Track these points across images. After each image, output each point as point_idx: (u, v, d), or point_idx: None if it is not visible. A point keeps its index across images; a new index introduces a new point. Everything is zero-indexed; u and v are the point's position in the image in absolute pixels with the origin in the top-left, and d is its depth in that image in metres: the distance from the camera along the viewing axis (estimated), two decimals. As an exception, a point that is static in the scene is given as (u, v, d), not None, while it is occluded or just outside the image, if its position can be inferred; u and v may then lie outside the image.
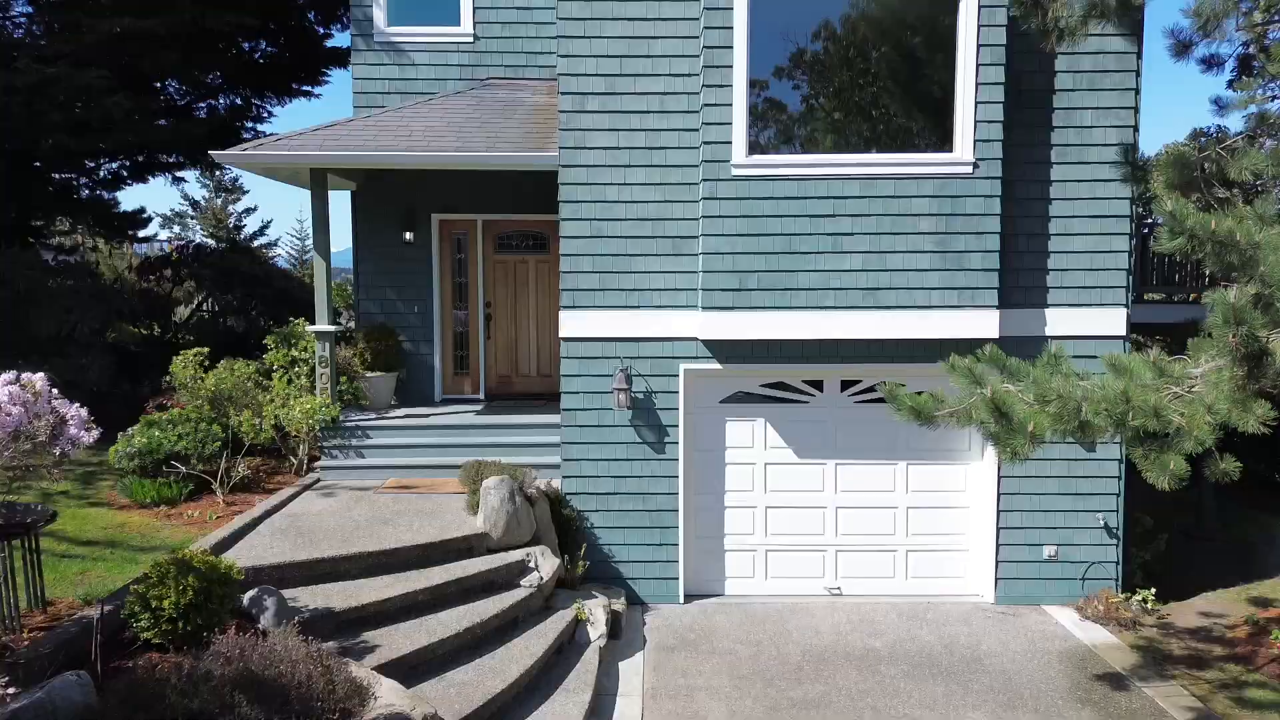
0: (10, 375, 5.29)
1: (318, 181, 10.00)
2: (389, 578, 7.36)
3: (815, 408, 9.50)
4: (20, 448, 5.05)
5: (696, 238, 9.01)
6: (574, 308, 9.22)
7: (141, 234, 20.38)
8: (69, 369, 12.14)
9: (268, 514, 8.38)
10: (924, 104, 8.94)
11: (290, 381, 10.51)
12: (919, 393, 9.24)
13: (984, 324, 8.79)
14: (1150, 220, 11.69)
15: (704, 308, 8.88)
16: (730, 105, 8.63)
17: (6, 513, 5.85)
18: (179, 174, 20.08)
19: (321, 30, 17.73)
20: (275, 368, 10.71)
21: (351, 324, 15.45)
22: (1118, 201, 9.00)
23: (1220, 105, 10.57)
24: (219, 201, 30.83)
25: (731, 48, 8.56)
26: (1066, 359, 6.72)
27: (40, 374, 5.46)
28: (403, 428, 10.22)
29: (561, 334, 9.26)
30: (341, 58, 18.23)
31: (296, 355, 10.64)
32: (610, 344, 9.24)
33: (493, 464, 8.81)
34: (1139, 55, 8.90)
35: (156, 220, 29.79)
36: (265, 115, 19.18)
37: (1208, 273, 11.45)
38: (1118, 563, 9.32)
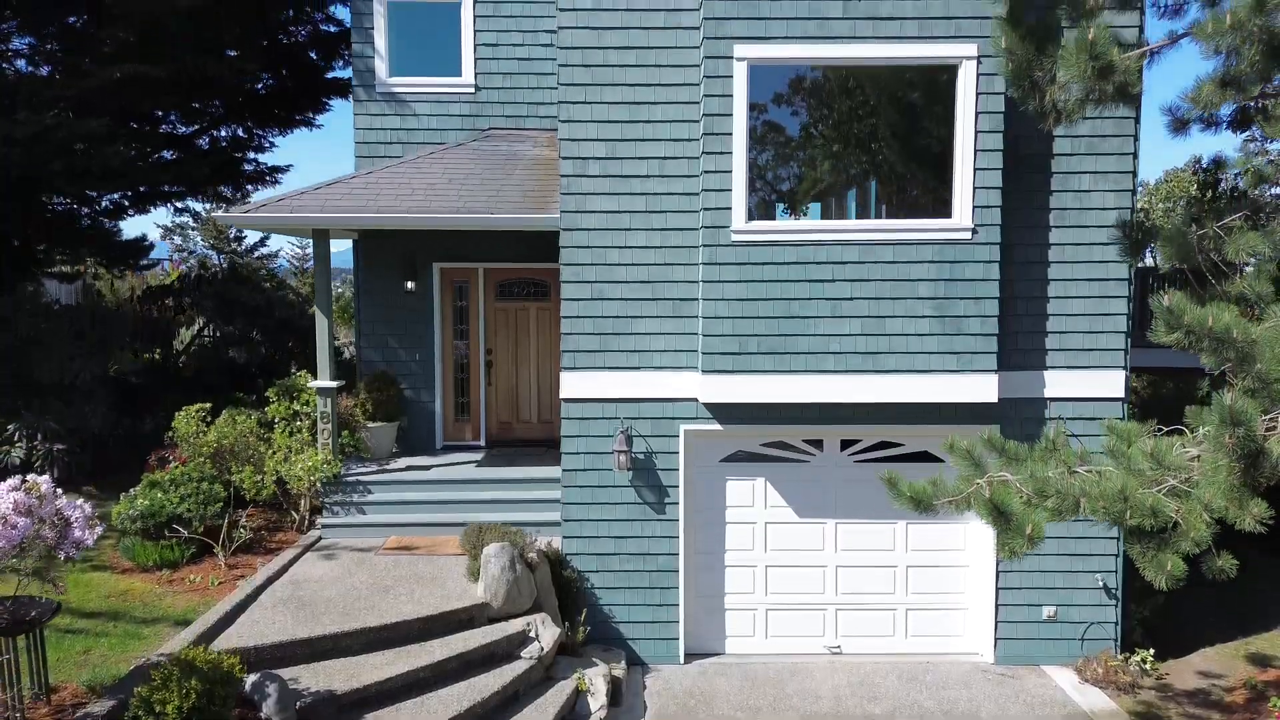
0: (15, 481, 5.33)
1: (320, 238, 10.05)
2: (391, 653, 7.40)
3: (815, 467, 9.53)
4: (27, 556, 5.08)
5: (696, 300, 9.06)
6: (575, 369, 9.26)
7: (143, 261, 20.47)
8: (71, 415, 12.21)
9: (269, 581, 8.42)
10: (923, 172, 8.99)
11: (292, 434, 10.55)
12: (922, 452, 9.34)
13: (983, 388, 8.82)
14: (1153, 253, 11.74)
15: (704, 370, 8.92)
16: (730, 172, 8.67)
17: (13, 608, 5.88)
18: (179, 204, 20.20)
19: (323, 64, 17.79)
20: (277, 420, 10.75)
21: (352, 344, 15.51)
22: (1115, 265, 9.03)
23: (1219, 164, 10.63)
24: (219, 212, 30.87)
25: (731, 115, 8.60)
26: (1065, 443, 6.77)
27: (45, 476, 5.50)
28: (403, 482, 10.25)
29: (562, 395, 9.30)
30: (342, 88, 18.28)
31: (298, 409, 10.67)
32: (611, 405, 9.28)
33: (493, 528, 8.83)
34: (1137, 120, 8.94)
35: (157, 231, 29.73)
36: (267, 145, 19.26)
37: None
38: (1117, 623, 9.35)
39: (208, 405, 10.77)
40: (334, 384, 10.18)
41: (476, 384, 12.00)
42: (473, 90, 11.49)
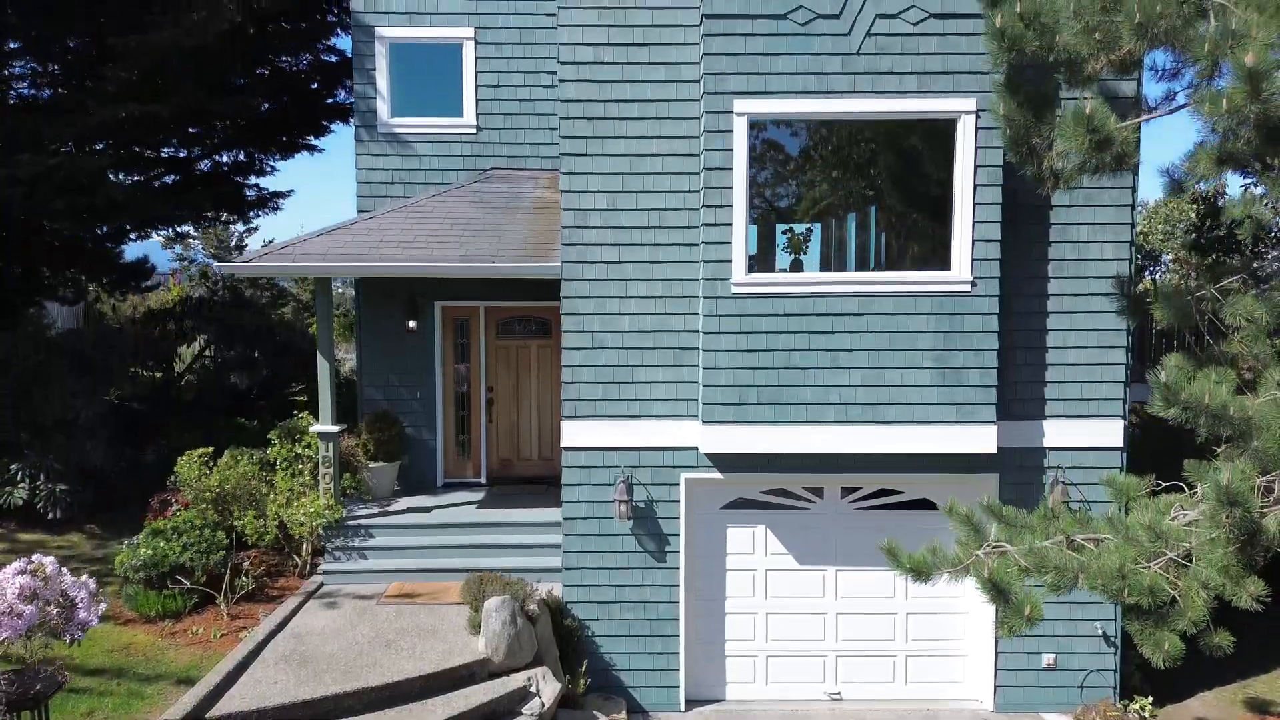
0: (20, 564, 5.37)
1: (323, 286, 10.09)
2: (392, 712, 7.43)
3: (816, 514, 9.57)
4: (34, 642, 5.12)
5: (697, 350, 9.10)
6: (576, 417, 9.30)
7: (145, 284, 20.53)
8: (73, 451, 12.24)
9: (271, 635, 8.43)
10: (921, 225, 9.05)
11: (294, 475, 10.57)
12: (922, 500, 9.36)
13: (982, 439, 8.85)
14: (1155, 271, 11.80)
15: (704, 421, 8.95)
16: (730, 225, 8.71)
17: (18, 681, 5.92)
18: (180, 228, 20.27)
19: (323, 93, 17.85)
20: (279, 461, 10.77)
21: (352, 360, 15.53)
22: (1113, 315, 9.05)
23: (1219, 209, 10.62)
24: (219, 225, 30.92)
25: (731, 169, 8.64)
26: (1064, 510, 6.82)
27: (50, 557, 5.54)
28: (405, 526, 10.29)
29: (563, 443, 9.34)
30: (343, 112, 18.32)
31: (300, 451, 10.69)
32: (612, 453, 9.31)
33: (494, 578, 8.86)
34: (1135, 172, 8.97)
35: (158, 240, 29.78)
36: (269, 169, 19.28)
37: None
38: (1116, 670, 9.38)
39: (209, 450, 10.80)
40: (336, 428, 10.22)
41: (477, 421, 12.04)
42: (474, 130, 11.54)
